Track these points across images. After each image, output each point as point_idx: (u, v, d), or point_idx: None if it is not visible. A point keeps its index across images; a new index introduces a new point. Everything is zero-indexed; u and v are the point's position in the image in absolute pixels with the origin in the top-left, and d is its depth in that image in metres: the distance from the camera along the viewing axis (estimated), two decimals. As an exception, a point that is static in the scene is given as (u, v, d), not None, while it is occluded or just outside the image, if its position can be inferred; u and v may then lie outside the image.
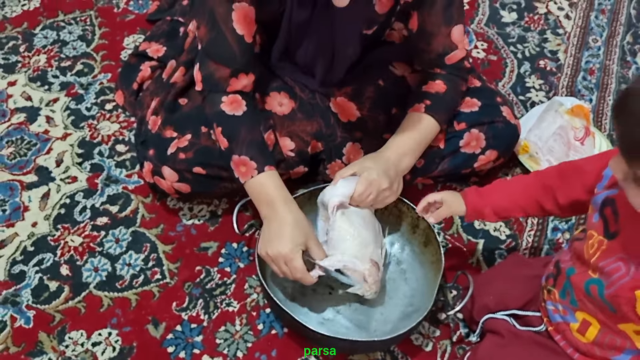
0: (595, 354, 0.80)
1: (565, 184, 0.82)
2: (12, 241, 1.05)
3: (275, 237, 0.89)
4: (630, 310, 0.70)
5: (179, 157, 1.00)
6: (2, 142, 1.18)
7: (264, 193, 0.93)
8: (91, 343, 0.95)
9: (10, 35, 1.37)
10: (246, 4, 0.93)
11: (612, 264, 0.72)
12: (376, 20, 0.99)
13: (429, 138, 1.01)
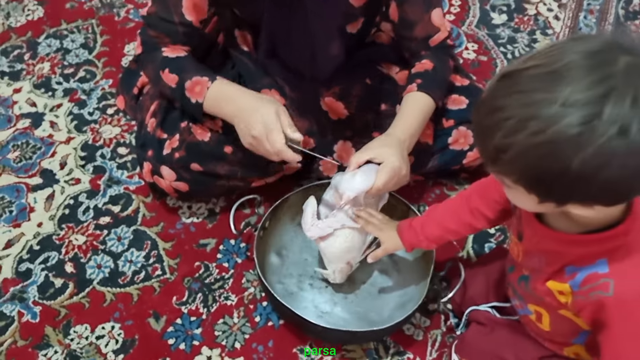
0: (558, 340, 0.83)
1: (488, 200, 0.85)
2: (19, 240, 1.10)
3: (251, 121, 0.92)
4: (553, 300, 0.73)
5: (175, 157, 1.04)
6: (8, 147, 1.23)
7: (225, 96, 0.98)
8: (95, 336, 0.99)
9: (15, 44, 1.42)
10: None
11: (529, 261, 0.76)
12: (353, 14, 1.03)
13: (428, 116, 1.03)
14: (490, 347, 0.91)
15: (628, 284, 0.66)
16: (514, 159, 0.57)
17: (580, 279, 0.68)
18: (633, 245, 0.66)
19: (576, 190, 0.57)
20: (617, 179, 0.55)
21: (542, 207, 0.62)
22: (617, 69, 0.53)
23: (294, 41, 1.08)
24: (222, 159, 1.05)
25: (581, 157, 0.53)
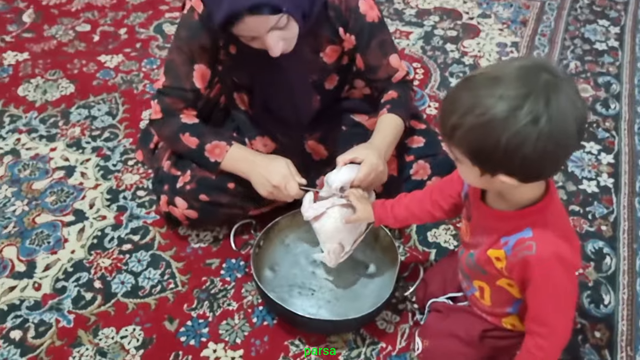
0: (497, 312, 1.04)
1: (444, 195, 1.08)
2: (56, 264, 1.32)
3: (269, 174, 1.18)
4: (492, 268, 0.94)
5: (186, 189, 1.28)
6: (47, 192, 1.47)
7: (241, 157, 1.24)
8: (120, 336, 1.19)
9: (51, 113, 1.71)
10: (204, 65, 1.27)
11: (475, 239, 0.98)
12: (328, 70, 1.31)
13: (399, 132, 1.28)
14: (446, 327, 1.11)
15: (546, 245, 0.87)
16: (463, 134, 0.79)
17: (511, 243, 0.89)
18: (549, 218, 0.89)
19: (503, 162, 0.79)
20: (530, 157, 0.77)
21: (483, 180, 0.84)
22: (538, 81, 0.77)
23: (280, 97, 1.35)
24: (225, 191, 1.29)
25: (506, 135, 0.75)
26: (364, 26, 1.27)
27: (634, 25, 2.16)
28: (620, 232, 1.43)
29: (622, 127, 1.73)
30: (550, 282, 0.89)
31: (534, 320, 0.92)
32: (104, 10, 2.15)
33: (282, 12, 1.07)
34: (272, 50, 1.13)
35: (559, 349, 0.95)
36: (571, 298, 0.93)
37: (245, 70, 1.31)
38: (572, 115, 0.77)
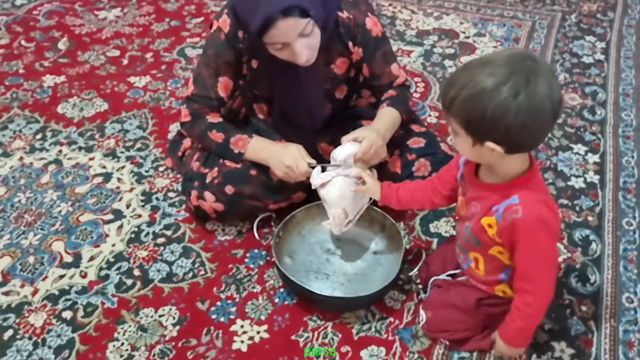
0: (490, 280, 1.19)
1: (443, 181, 1.25)
2: (99, 256, 1.48)
3: (283, 156, 1.35)
4: (485, 236, 1.10)
5: (214, 182, 1.45)
6: (88, 195, 1.65)
7: (260, 147, 1.42)
8: (158, 315, 1.35)
9: (88, 128, 1.89)
10: (227, 78, 1.45)
11: (469, 211, 1.13)
12: (338, 79, 1.49)
13: (396, 122, 1.46)
14: (445, 299, 1.26)
15: (530, 209, 1.02)
16: (459, 104, 0.96)
17: (501, 210, 1.05)
18: (533, 188, 1.05)
19: (490, 130, 0.95)
20: (511, 127, 0.93)
21: (475, 150, 1.00)
22: (522, 65, 0.93)
23: (297, 105, 1.52)
24: (249, 180, 1.46)
25: (492, 105, 0.92)
26: (370, 40, 1.45)
27: (618, 40, 2.34)
28: (605, 221, 1.58)
29: (607, 130, 1.89)
30: (534, 241, 1.04)
31: (521, 279, 1.07)
32: (131, 37, 2.36)
33: (310, 15, 1.23)
34: (299, 57, 1.29)
35: (544, 305, 1.10)
36: (553, 257, 1.09)
37: (266, 82, 1.49)
38: (548, 95, 0.93)
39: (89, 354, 1.27)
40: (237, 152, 1.44)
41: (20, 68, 2.17)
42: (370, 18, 1.45)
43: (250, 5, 1.25)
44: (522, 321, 1.10)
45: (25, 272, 1.43)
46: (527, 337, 1.14)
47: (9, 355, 1.26)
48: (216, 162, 1.48)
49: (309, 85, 1.47)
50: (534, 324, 1.12)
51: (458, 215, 1.21)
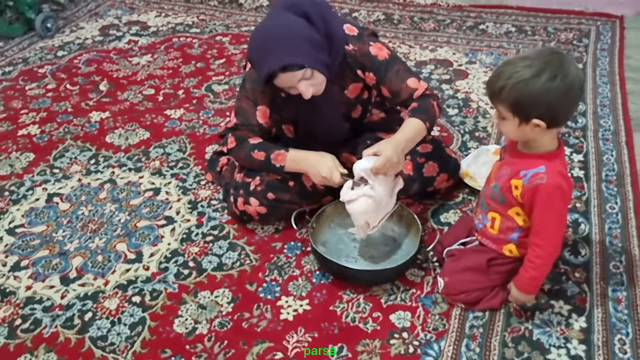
0: (502, 239, 1.43)
1: None
2: (157, 253, 1.71)
3: (320, 167, 1.57)
4: (510, 195, 1.34)
5: (258, 190, 1.70)
6: (142, 206, 1.89)
7: (298, 158, 1.63)
8: (214, 296, 1.57)
9: (134, 153, 2.16)
10: (264, 106, 1.70)
11: (500, 172, 1.38)
12: (351, 102, 1.73)
13: (419, 130, 1.61)
14: (460, 264, 1.49)
15: (553, 178, 1.27)
16: (507, 92, 1.22)
17: (529, 176, 1.30)
18: (558, 163, 1.31)
19: (535, 108, 1.21)
20: (552, 103, 1.20)
21: (520, 130, 1.26)
22: (552, 56, 1.21)
23: (318, 126, 1.77)
24: (287, 190, 1.71)
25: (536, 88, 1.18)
26: (379, 64, 1.69)
27: (594, 62, 2.64)
28: (592, 207, 1.83)
29: (589, 135, 2.17)
30: (551, 204, 1.29)
31: (535, 235, 1.32)
32: (163, 78, 2.66)
33: (305, 67, 1.48)
34: (304, 95, 1.54)
35: (552, 258, 1.35)
36: (563, 219, 1.35)
37: (292, 109, 1.74)
38: (576, 76, 1.22)
39: (158, 328, 1.48)
40: (279, 166, 1.66)
41: (69, 107, 2.45)
42: (374, 45, 1.68)
43: (258, 59, 1.53)
44: (533, 271, 1.34)
45: (96, 268, 1.66)
46: (537, 285, 1.38)
47: (91, 332, 1.48)
48: (257, 173, 1.73)
49: (327, 109, 1.72)
50: (543, 273, 1.37)
51: (489, 178, 1.46)
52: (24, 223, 1.84)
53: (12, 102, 2.50)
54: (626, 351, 1.37)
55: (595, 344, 1.39)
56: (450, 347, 1.41)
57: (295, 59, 1.45)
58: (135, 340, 1.45)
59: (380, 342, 1.43)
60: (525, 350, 1.39)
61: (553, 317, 1.46)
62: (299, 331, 1.46)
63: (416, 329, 1.46)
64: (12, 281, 1.63)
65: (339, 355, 1.40)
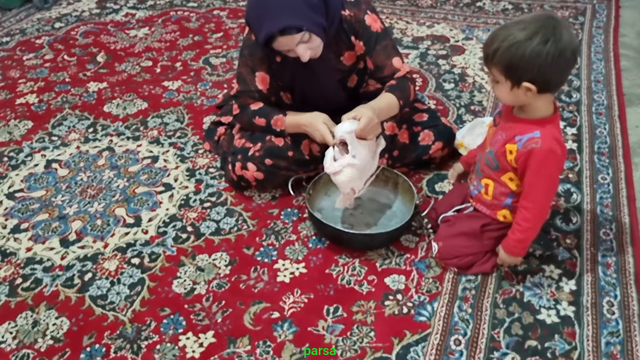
0: (496, 204, 1.46)
1: None
2: (156, 217, 1.73)
3: (313, 131, 1.61)
4: (504, 160, 1.37)
5: (256, 155, 1.73)
6: (140, 173, 1.91)
7: (294, 123, 1.67)
8: (212, 259, 1.59)
9: (132, 122, 2.17)
10: (263, 72, 1.72)
11: (495, 137, 1.40)
12: (348, 71, 1.75)
13: (392, 104, 1.66)
14: (454, 229, 1.52)
15: (548, 142, 1.29)
16: (500, 54, 1.23)
17: (523, 140, 1.32)
18: (552, 128, 1.32)
19: (526, 71, 1.23)
20: (543, 67, 1.21)
21: (512, 94, 1.28)
22: (547, 21, 1.22)
23: (314, 93, 1.80)
24: (285, 157, 1.73)
25: (528, 51, 1.20)
26: (371, 35, 1.71)
27: (589, 39, 2.66)
28: (584, 177, 1.86)
29: (583, 109, 2.19)
30: (544, 168, 1.31)
31: (525, 198, 1.35)
32: (161, 50, 2.66)
33: (303, 30, 1.50)
34: (302, 58, 1.56)
35: (540, 222, 1.38)
36: (555, 184, 1.37)
37: (288, 74, 1.77)
38: (569, 41, 1.23)
39: (157, 288, 1.51)
40: (280, 130, 1.71)
41: (66, 77, 2.46)
42: (370, 15, 1.71)
43: (256, 22, 1.55)
44: (520, 234, 1.37)
45: (95, 231, 1.69)
46: (523, 247, 1.41)
47: (91, 291, 1.50)
48: (260, 138, 1.76)
49: (323, 75, 1.74)
50: (530, 236, 1.39)
51: (483, 145, 1.49)
52: (23, 188, 1.86)
53: (10, 71, 2.50)
54: (614, 312, 1.41)
55: (584, 305, 1.43)
56: (443, 308, 1.44)
57: (294, 21, 1.47)
58: (135, 299, 1.48)
59: (374, 303, 1.46)
60: (515, 311, 1.42)
61: (544, 280, 1.50)
62: (295, 292, 1.49)
63: (410, 291, 1.49)
64: (12, 243, 1.65)
65: (335, 315, 1.43)
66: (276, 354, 1.34)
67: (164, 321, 1.42)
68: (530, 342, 1.35)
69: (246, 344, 1.36)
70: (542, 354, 1.32)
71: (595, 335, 1.36)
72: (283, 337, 1.38)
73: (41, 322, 1.42)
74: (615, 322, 1.39)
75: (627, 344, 1.34)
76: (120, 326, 1.41)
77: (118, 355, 1.34)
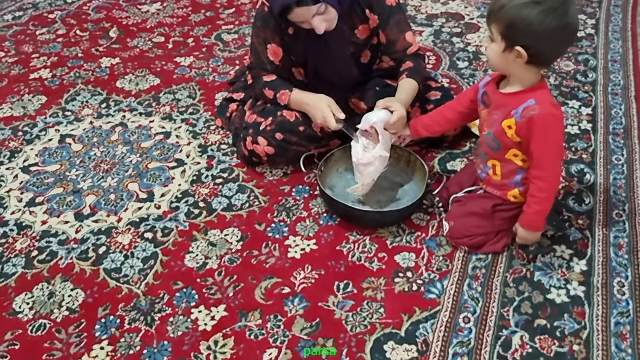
0: (506, 184, 1.45)
1: (462, 100, 1.53)
2: (168, 193, 1.75)
3: (314, 112, 1.63)
4: (505, 138, 1.36)
5: (267, 129, 1.73)
6: (152, 149, 1.92)
7: (297, 100, 1.69)
8: (224, 234, 1.61)
9: (145, 98, 2.18)
10: (275, 45, 1.72)
11: (491, 118, 1.40)
12: (360, 44, 1.75)
13: (415, 92, 1.69)
14: (465, 209, 1.52)
15: (545, 108, 1.28)
16: (506, 11, 1.21)
17: (519, 111, 1.31)
18: (544, 93, 1.31)
19: (523, 36, 1.21)
20: (540, 37, 1.20)
21: (502, 57, 1.27)
22: None
23: (327, 67, 1.79)
24: (296, 132, 1.73)
25: (532, 16, 1.18)
26: (385, 8, 1.71)
27: (607, 18, 2.62)
28: (598, 158, 1.85)
29: (598, 89, 2.17)
30: (547, 133, 1.30)
31: (535, 167, 1.34)
32: (173, 26, 2.65)
33: (320, 1, 1.50)
34: (317, 30, 1.56)
35: (553, 190, 1.37)
36: (561, 148, 1.36)
37: (300, 48, 1.76)
38: (573, 19, 1.21)
39: (170, 262, 1.53)
40: (284, 105, 1.73)
41: (79, 52, 2.46)
42: None
43: None
44: (537, 205, 1.36)
45: (108, 206, 1.70)
46: (542, 220, 1.40)
47: (105, 264, 1.53)
48: (271, 113, 1.76)
49: (336, 48, 1.73)
50: (547, 207, 1.38)
51: (480, 127, 1.48)
52: (37, 162, 1.88)
53: (23, 46, 2.51)
54: (624, 292, 1.41)
55: (594, 286, 1.43)
56: (452, 286, 1.45)
57: None
58: (148, 273, 1.50)
59: (385, 279, 1.47)
60: (525, 290, 1.43)
61: (555, 260, 1.50)
62: (306, 268, 1.51)
63: (420, 268, 1.50)
64: (27, 216, 1.68)
65: (345, 291, 1.44)
66: (287, 328, 1.35)
67: (177, 294, 1.44)
68: (539, 321, 1.35)
69: (257, 317, 1.38)
70: (551, 332, 1.33)
71: (605, 315, 1.36)
72: (294, 311, 1.39)
73: (57, 294, 1.44)
74: (625, 302, 1.39)
75: (637, 324, 1.34)
76: (134, 299, 1.43)
77: (132, 327, 1.36)
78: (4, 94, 2.20)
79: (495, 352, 1.29)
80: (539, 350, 1.29)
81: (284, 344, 1.32)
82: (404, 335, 1.33)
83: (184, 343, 1.33)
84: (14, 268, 1.51)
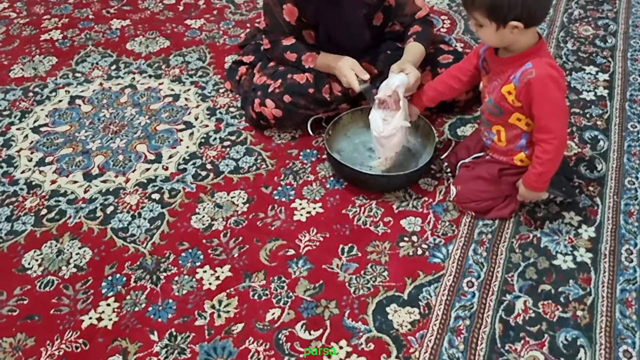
0: (511, 149, 1.43)
1: (463, 68, 1.50)
2: (176, 155, 1.75)
3: (340, 75, 1.63)
4: (506, 103, 1.33)
5: (275, 91, 1.71)
6: (161, 111, 1.92)
7: (325, 62, 1.68)
8: (230, 197, 1.61)
9: (155, 60, 2.16)
10: (291, 4, 1.69)
11: (491, 84, 1.37)
12: (373, 7, 1.71)
13: (422, 56, 1.68)
14: (473, 174, 1.50)
15: (542, 69, 1.26)
16: None
17: (518, 76, 1.29)
18: (542, 55, 1.29)
19: (510, 10, 1.19)
20: (526, 2, 1.18)
21: (498, 35, 1.25)
22: None
23: (339, 29, 1.76)
24: (305, 95, 1.71)
25: None
26: None
27: (630, -20, 2.53)
28: (612, 124, 1.80)
29: (617, 55, 2.10)
30: (547, 94, 1.27)
31: (539, 130, 1.31)
32: (184, -12, 2.62)
33: None
34: None
35: (559, 152, 1.34)
36: (563, 107, 1.33)
37: (313, 7, 1.73)
38: None
39: (177, 223, 1.54)
40: (308, 67, 1.71)
41: (90, 14, 2.45)
42: None
43: None
44: (541, 167, 1.34)
45: (117, 167, 1.71)
46: (545, 181, 1.38)
47: (113, 223, 1.54)
48: (281, 76, 1.74)
49: (348, 11, 1.71)
50: (551, 169, 1.36)
51: (482, 93, 1.45)
52: (47, 122, 1.89)
53: (35, 7, 2.50)
54: (632, 260, 1.39)
55: (602, 252, 1.41)
56: (457, 251, 1.44)
57: None
58: (155, 233, 1.51)
59: (389, 244, 1.47)
60: (531, 256, 1.42)
61: (562, 226, 1.48)
62: (311, 231, 1.51)
63: (425, 233, 1.49)
64: (37, 175, 1.69)
65: (349, 254, 1.44)
66: (290, 289, 1.36)
67: (183, 254, 1.45)
68: (543, 287, 1.35)
69: (261, 278, 1.39)
70: (555, 298, 1.32)
71: (611, 282, 1.35)
72: (298, 273, 1.40)
73: (65, 252, 1.47)
74: (632, 269, 1.37)
75: (644, 291, 1.33)
76: (141, 258, 1.45)
77: (138, 285, 1.38)
78: (15, 55, 2.20)
79: (498, 316, 1.29)
80: (542, 315, 1.29)
81: (287, 304, 1.33)
82: (406, 298, 1.34)
83: (189, 302, 1.35)
84: (23, 226, 1.54)
